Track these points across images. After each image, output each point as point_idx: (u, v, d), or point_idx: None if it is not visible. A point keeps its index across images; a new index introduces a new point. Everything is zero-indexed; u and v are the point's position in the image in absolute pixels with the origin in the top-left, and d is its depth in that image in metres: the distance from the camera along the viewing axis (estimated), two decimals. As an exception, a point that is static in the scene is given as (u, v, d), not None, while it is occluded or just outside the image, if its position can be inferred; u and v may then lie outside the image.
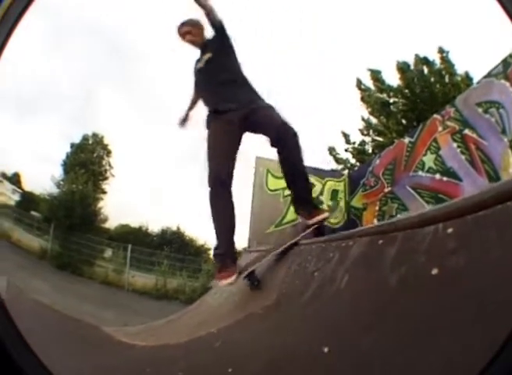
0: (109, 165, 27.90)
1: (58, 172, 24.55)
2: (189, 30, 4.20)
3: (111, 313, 9.01)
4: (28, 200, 23.74)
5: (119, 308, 10.18)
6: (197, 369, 3.13)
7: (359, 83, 15.04)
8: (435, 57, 14.10)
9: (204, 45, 4.20)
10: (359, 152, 14.97)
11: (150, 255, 17.92)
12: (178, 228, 25.85)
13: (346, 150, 15.30)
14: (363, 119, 15.01)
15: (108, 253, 19.57)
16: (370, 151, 14.78)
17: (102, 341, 5.19)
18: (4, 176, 25.61)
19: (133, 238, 22.12)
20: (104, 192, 26.53)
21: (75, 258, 16.01)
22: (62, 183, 22.05)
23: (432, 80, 13.90)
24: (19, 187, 26.72)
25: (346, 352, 1.69)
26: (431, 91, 13.53)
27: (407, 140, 7.12)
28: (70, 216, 17.21)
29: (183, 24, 4.25)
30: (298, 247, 4.14)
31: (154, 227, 27.03)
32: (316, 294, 2.81)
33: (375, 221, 7.34)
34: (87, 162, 25.96)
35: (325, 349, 1.77)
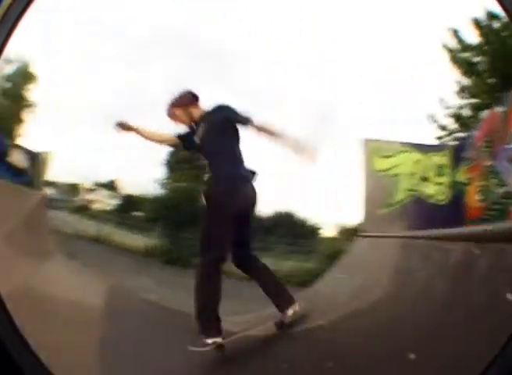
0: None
1: (159, 172, 24.96)
2: (173, 113, 4.10)
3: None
4: (128, 202, 24.01)
5: (229, 296, 10.19)
6: (300, 362, 3.36)
7: (445, 44, 14.42)
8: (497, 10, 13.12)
9: (197, 121, 4.04)
10: (459, 118, 14.42)
11: (260, 240, 17.70)
12: (287, 210, 24.48)
13: (445, 116, 14.79)
14: (456, 82, 14.43)
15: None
16: (468, 114, 14.19)
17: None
18: (98, 184, 26.64)
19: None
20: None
21: (184, 252, 15.97)
22: (166, 181, 22.58)
23: (504, 34, 13.01)
24: (117, 191, 27.60)
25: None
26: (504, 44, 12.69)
27: (499, 109, 6.79)
28: (177, 212, 17.29)
29: (169, 106, 4.13)
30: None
31: (264, 211, 26.16)
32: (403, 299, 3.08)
33: (476, 197, 7.10)
34: (190, 158, 26.62)
35: (412, 356, 1.94)
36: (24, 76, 17.30)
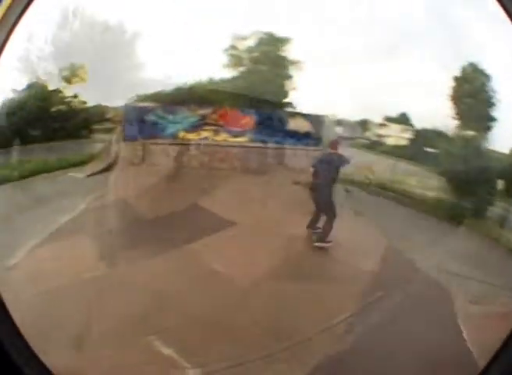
0: (493, 91, 26.05)
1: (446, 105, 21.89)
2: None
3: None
4: (422, 137, 22.60)
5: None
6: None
7: None
8: None
9: None
10: None
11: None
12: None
13: None
14: None
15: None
16: None
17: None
18: (388, 119, 25.24)
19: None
20: (494, 120, 24.08)
21: (468, 209, 12.65)
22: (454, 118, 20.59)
23: None
24: (410, 125, 25.79)
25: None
26: None
27: None
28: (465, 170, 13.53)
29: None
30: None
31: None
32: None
33: None
34: (473, 92, 24.48)
35: None
36: (276, 40, 18.14)
